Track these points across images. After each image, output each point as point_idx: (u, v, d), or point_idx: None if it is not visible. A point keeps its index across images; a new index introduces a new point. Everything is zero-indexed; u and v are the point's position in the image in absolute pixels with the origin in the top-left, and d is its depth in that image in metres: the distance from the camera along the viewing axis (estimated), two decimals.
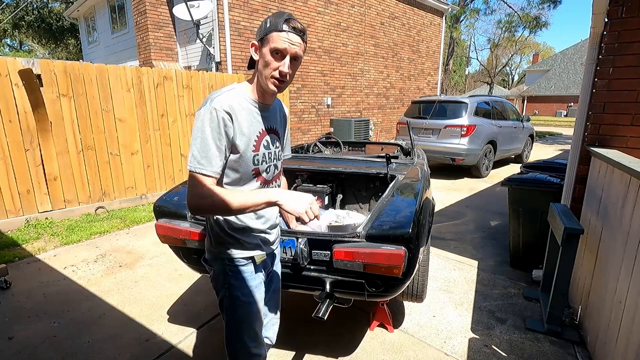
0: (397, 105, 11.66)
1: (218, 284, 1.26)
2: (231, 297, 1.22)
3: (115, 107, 4.56)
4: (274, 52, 1.06)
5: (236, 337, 1.25)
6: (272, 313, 1.45)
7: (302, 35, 1.09)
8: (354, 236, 1.62)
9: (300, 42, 1.08)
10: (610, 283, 1.81)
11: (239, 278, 1.22)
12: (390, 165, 2.62)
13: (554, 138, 15.12)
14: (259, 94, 1.17)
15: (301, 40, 1.09)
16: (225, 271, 1.22)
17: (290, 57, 1.08)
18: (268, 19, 1.08)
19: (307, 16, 8.36)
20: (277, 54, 1.07)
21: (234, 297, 1.22)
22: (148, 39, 7.86)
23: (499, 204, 5.06)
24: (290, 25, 1.05)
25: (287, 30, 1.05)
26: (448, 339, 2.19)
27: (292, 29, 1.06)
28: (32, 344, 2.12)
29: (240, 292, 1.22)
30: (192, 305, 2.54)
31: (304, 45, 1.11)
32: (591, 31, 2.41)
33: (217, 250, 1.23)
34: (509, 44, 30.98)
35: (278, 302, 1.48)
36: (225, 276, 1.23)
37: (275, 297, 1.46)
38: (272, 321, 1.46)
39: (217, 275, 1.26)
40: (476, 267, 3.15)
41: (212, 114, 1.04)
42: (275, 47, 1.05)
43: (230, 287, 1.22)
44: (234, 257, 1.21)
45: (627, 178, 1.75)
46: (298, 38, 1.07)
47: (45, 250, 3.46)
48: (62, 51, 23.79)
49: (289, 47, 1.06)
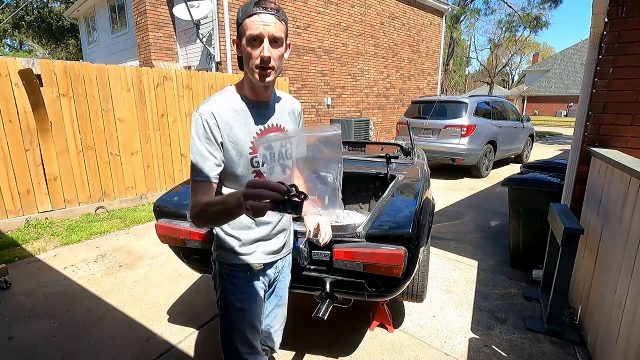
0: (397, 105, 11.66)
1: (216, 283, 1.25)
2: (225, 300, 1.21)
3: (115, 107, 4.56)
4: (250, 40, 0.99)
5: (229, 340, 1.23)
6: (276, 325, 1.41)
7: (276, 13, 0.99)
8: (354, 236, 1.62)
9: (274, 21, 0.98)
10: (610, 283, 1.80)
11: (234, 283, 1.20)
12: (390, 165, 2.62)
13: (554, 138, 15.11)
14: (251, 92, 1.10)
15: (275, 19, 0.99)
16: (221, 274, 1.21)
17: (269, 40, 0.99)
18: (240, 9, 1.01)
19: (307, 16, 8.36)
20: (254, 41, 0.99)
21: (228, 301, 1.20)
22: (148, 39, 7.86)
23: (499, 204, 5.06)
24: (260, 5, 0.97)
25: (258, 12, 0.97)
26: (448, 339, 2.19)
27: (263, 9, 0.97)
28: (32, 344, 2.12)
29: (234, 297, 1.20)
30: (192, 305, 2.54)
31: (281, 24, 1.01)
32: (591, 31, 2.41)
33: (216, 252, 1.22)
34: (509, 44, 30.98)
35: (284, 316, 1.44)
36: (220, 278, 1.22)
37: (281, 311, 1.41)
38: (277, 333, 1.42)
39: (215, 275, 1.25)
40: (476, 267, 3.14)
41: (197, 119, 1.03)
42: (250, 34, 0.98)
43: (224, 290, 1.21)
44: (229, 262, 1.19)
45: (627, 178, 1.75)
46: (271, 17, 0.98)
47: (45, 250, 3.45)
48: (62, 51, 23.78)
49: (263, 30, 0.97)
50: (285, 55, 1.07)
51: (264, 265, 1.23)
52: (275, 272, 1.30)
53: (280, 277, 1.35)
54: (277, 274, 1.32)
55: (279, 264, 1.30)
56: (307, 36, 8.42)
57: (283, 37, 1.02)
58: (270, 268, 1.26)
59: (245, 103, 1.10)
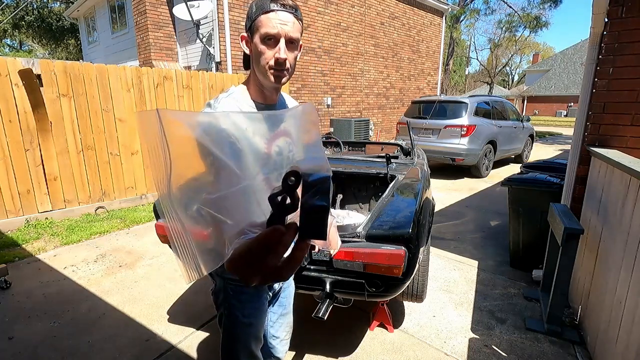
0: (397, 105, 11.66)
1: (218, 300, 1.20)
2: (230, 316, 1.17)
3: (115, 107, 4.56)
4: (265, 39, 0.92)
5: (235, 355, 1.20)
6: (282, 334, 1.38)
7: (294, 12, 0.93)
8: (354, 236, 1.62)
9: (293, 20, 0.92)
10: (610, 283, 1.80)
11: (241, 299, 1.15)
12: (390, 165, 2.62)
13: (554, 138, 15.11)
14: (259, 94, 1.03)
15: (294, 18, 0.92)
16: (227, 289, 1.15)
17: (286, 40, 0.92)
18: (253, 3, 0.94)
19: (307, 16, 8.35)
20: (269, 40, 0.92)
21: (234, 316, 1.16)
22: (148, 39, 7.86)
23: (499, 204, 5.06)
24: (278, 2, 0.90)
25: (275, 9, 0.90)
26: (448, 339, 2.19)
27: (281, 6, 0.90)
28: (32, 344, 2.12)
29: (240, 312, 1.15)
30: (192, 305, 2.54)
31: (298, 24, 0.94)
32: (591, 31, 2.41)
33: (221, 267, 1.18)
34: (509, 44, 30.99)
35: (289, 324, 1.41)
36: (226, 294, 1.16)
37: (286, 320, 1.38)
38: (282, 343, 1.39)
39: (217, 291, 1.19)
40: (476, 267, 3.14)
41: None
42: (266, 33, 0.91)
43: (230, 306, 1.16)
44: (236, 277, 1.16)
45: (627, 178, 1.75)
46: (290, 16, 0.92)
47: (45, 250, 3.45)
48: (62, 51, 23.78)
49: (281, 29, 0.91)
50: (298, 57, 1.01)
51: None
52: (280, 283, 1.28)
53: (284, 286, 1.33)
54: (282, 284, 1.30)
55: None
56: (307, 36, 8.42)
57: (299, 37, 0.96)
58: None
59: (254, 107, 1.03)
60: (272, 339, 1.35)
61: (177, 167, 0.48)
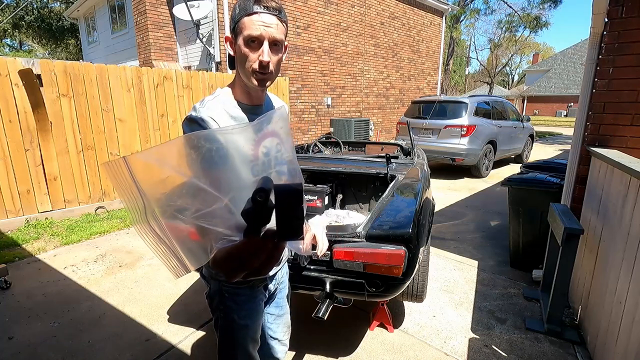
0: (397, 105, 11.66)
1: (213, 303, 1.17)
2: (226, 319, 1.15)
3: (115, 107, 4.56)
4: (248, 41, 0.91)
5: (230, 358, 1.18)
6: (280, 336, 1.36)
7: (278, 14, 0.91)
8: (354, 236, 1.62)
9: (276, 22, 0.91)
10: (610, 283, 1.80)
11: (236, 301, 1.14)
12: (390, 165, 2.62)
13: (554, 138, 15.11)
14: (245, 95, 1.01)
15: (277, 20, 0.91)
16: (222, 292, 1.13)
17: (269, 43, 0.91)
18: (237, 5, 0.92)
19: (307, 16, 8.35)
20: (252, 42, 0.91)
21: (230, 319, 1.14)
22: (148, 39, 7.86)
23: (499, 204, 5.06)
24: (261, 4, 0.89)
25: (258, 11, 0.89)
26: (448, 339, 2.19)
27: (264, 8, 0.89)
28: (32, 344, 2.12)
29: (236, 314, 1.14)
30: (192, 305, 2.54)
31: (282, 26, 0.93)
32: (591, 31, 2.41)
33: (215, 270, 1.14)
34: (509, 44, 30.99)
35: (287, 325, 1.39)
36: (221, 297, 1.14)
37: (283, 320, 1.36)
38: (281, 343, 1.38)
39: (212, 294, 1.17)
40: (476, 267, 3.15)
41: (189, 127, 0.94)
42: (249, 35, 0.90)
43: (226, 309, 1.14)
44: None
45: (627, 178, 1.75)
46: (273, 18, 0.90)
47: (45, 250, 3.45)
48: (62, 51, 23.78)
49: (264, 32, 0.89)
50: (283, 58, 1.00)
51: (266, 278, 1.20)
52: (275, 284, 1.27)
53: (280, 287, 1.32)
54: (277, 284, 1.29)
55: (279, 275, 1.28)
56: (307, 36, 8.42)
57: (284, 39, 0.95)
58: (271, 282, 1.23)
59: (241, 109, 1.02)
60: (270, 340, 1.34)
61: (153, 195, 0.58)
